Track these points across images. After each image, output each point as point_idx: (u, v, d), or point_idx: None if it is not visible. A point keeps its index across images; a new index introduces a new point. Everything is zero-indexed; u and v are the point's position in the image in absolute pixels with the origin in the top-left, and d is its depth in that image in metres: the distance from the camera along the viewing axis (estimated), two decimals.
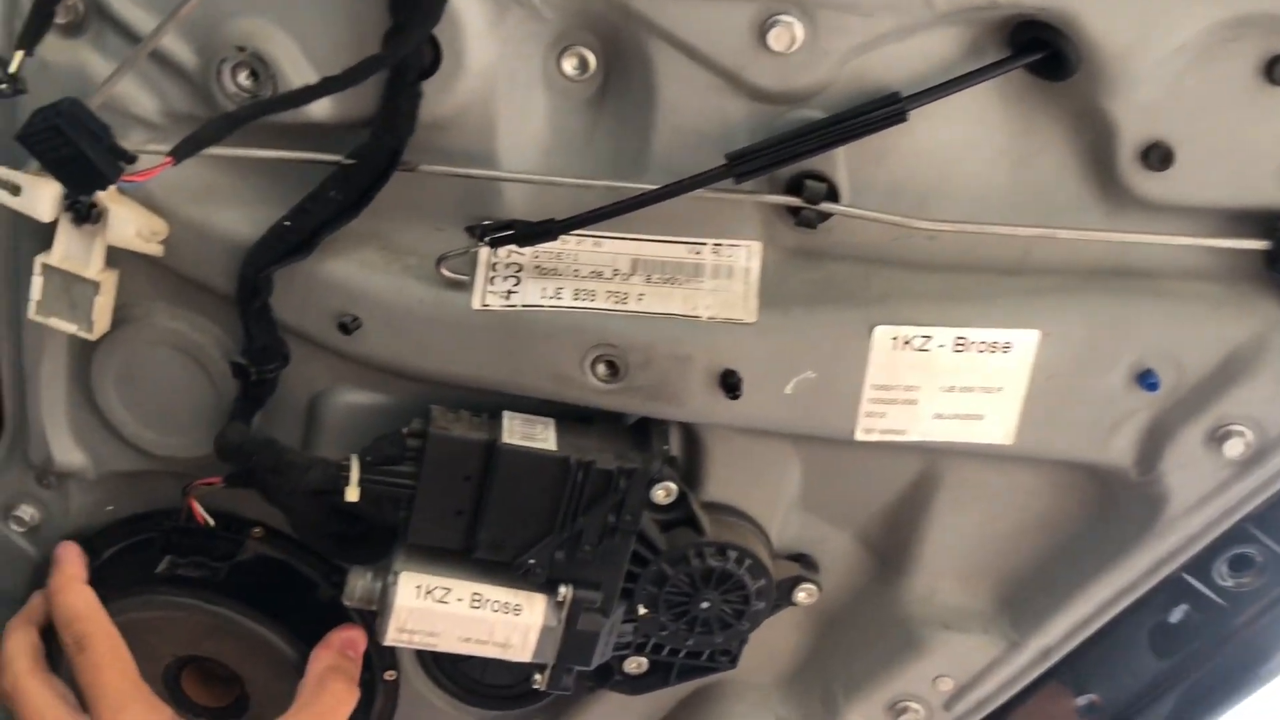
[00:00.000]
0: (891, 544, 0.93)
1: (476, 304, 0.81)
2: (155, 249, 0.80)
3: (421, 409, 0.85)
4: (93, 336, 0.83)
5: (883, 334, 0.78)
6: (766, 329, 0.79)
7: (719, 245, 0.81)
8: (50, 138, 0.58)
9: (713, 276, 0.80)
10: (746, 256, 0.81)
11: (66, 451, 0.92)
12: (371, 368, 0.85)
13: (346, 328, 0.82)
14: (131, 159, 0.62)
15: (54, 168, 0.60)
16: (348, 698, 0.92)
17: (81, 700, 0.86)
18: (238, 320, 0.83)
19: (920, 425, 0.82)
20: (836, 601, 0.97)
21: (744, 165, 0.75)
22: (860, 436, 0.82)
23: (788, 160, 0.75)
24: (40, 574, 1.00)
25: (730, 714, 1.01)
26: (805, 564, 0.96)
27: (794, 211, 0.79)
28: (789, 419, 0.82)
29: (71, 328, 0.83)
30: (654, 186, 0.76)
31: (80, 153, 0.58)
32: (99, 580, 0.98)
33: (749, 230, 0.81)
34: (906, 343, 0.79)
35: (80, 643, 0.86)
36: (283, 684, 0.99)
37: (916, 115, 0.72)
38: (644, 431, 0.87)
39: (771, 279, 0.80)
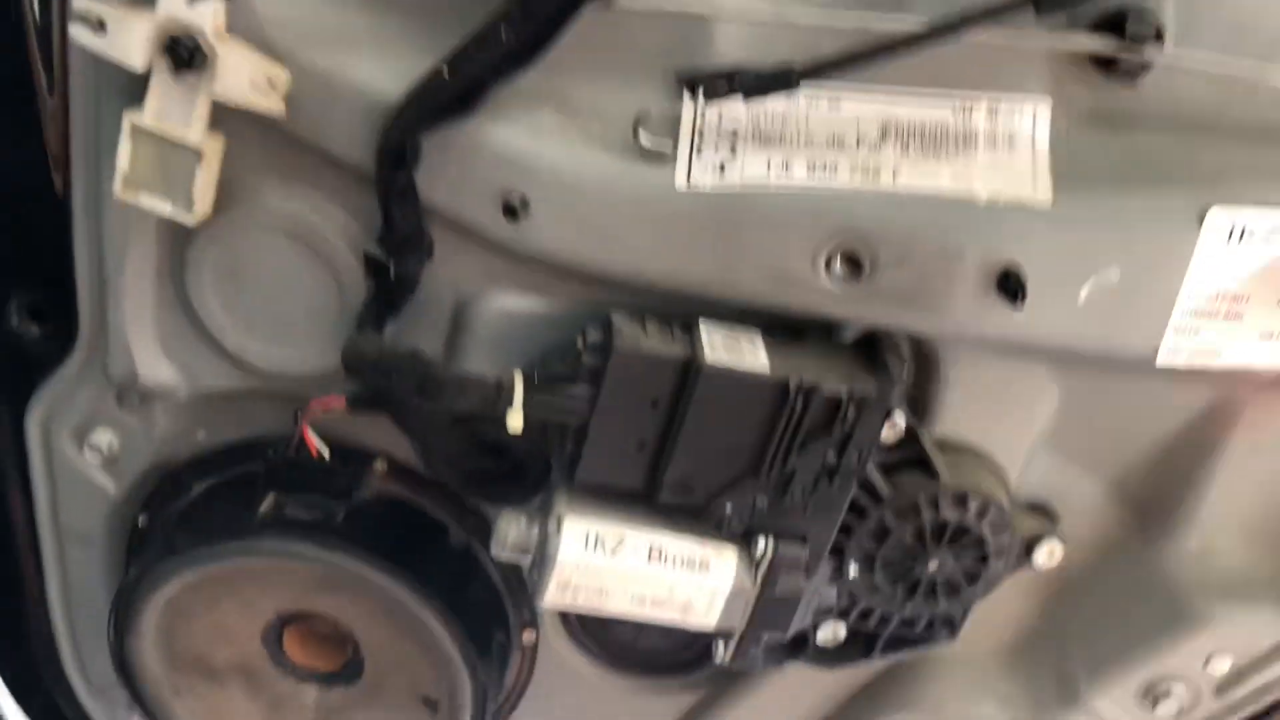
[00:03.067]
0: (1158, 493, 0.76)
1: (680, 182, 0.63)
2: (274, 104, 0.63)
3: (593, 317, 0.68)
4: (192, 220, 0.67)
5: (1217, 222, 0.60)
6: (1062, 215, 0.61)
7: (996, 104, 0.62)
8: None
9: (989, 146, 0.62)
10: (1033, 120, 0.62)
11: (153, 365, 0.76)
12: (538, 264, 0.67)
13: (513, 211, 0.64)
14: None
15: None
16: None
17: None
18: (371, 201, 0.66)
19: (1240, 347, 0.64)
20: (1079, 562, 0.80)
21: None
22: (1163, 360, 0.65)
23: None
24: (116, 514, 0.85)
25: (939, 695, 0.85)
26: (1046, 515, 0.78)
27: (1102, 63, 0.61)
28: (1075, 334, 0.64)
29: (166, 208, 0.66)
30: (917, 25, 0.58)
31: None
32: (188, 522, 0.82)
33: (1033, 84, 0.62)
34: (1246, 234, 0.60)
35: None
36: (405, 646, 0.83)
37: None
38: (867, 348, 0.69)
39: (1064, 151, 0.62)
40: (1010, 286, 0.62)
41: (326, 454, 0.79)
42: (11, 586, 0.94)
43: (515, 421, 0.67)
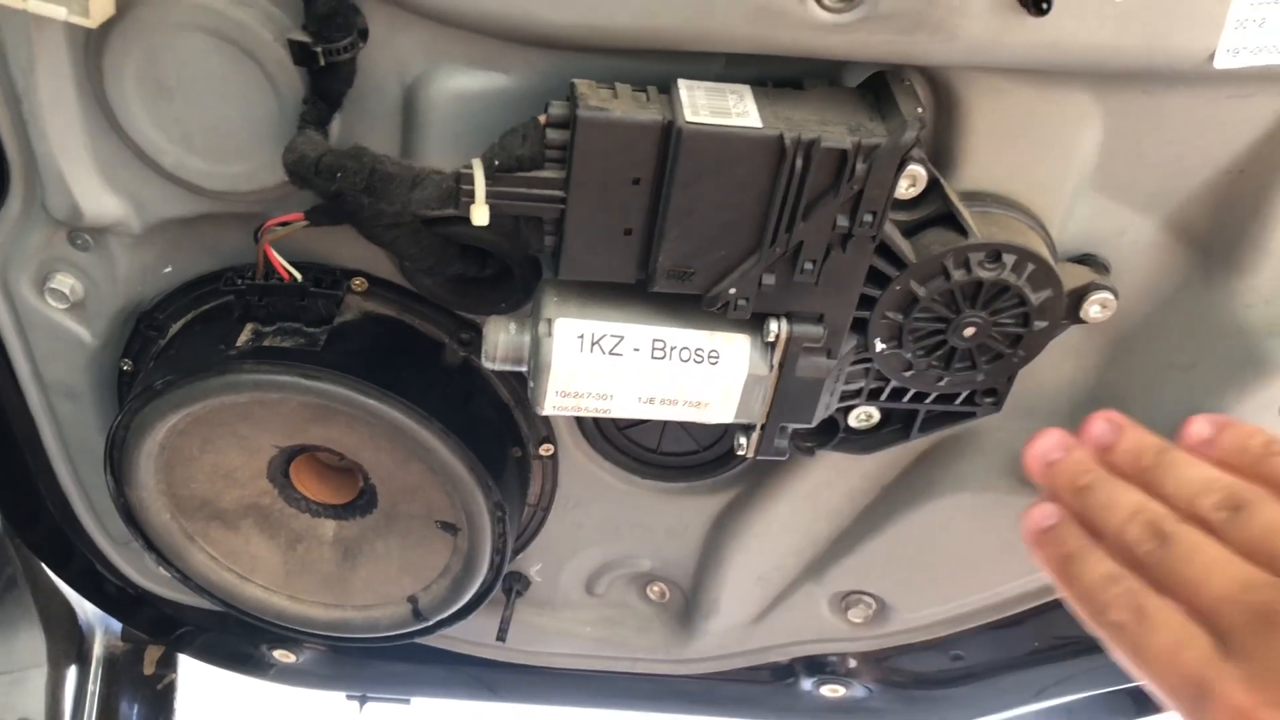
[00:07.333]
0: (1224, 229, 0.67)
1: None
2: None
3: (561, 89, 0.59)
4: (90, 22, 0.59)
5: None
6: None
7: None
8: None
9: None
10: None
11: (95, 198, 0.69)
12: (486, 33, 0.59)
13: None
14: None
15: None
16: None
17: None
18: None
19: None
20: (1134, 314, 0.72)
21: None
22: (1222, 62, 0.55)
23: None
24: (97, 362, 0.80)
25: (988, 472, 0.78)
26: (1094, 266, 0.70)
27: None
28: (1115, 43, 0.55)
29: (60, 11, 0.58)
30: None
31: None
32: (166, 363, 0.77)
33: None
34: None
35: None
36: (413, 471, 0.79)
37: None
38: (876, 93, 0.61)
39: None
40: None
41: (298, 276, 0.73)
42: (13, 458, 0.90)
43: (480, 215, 0.60)
